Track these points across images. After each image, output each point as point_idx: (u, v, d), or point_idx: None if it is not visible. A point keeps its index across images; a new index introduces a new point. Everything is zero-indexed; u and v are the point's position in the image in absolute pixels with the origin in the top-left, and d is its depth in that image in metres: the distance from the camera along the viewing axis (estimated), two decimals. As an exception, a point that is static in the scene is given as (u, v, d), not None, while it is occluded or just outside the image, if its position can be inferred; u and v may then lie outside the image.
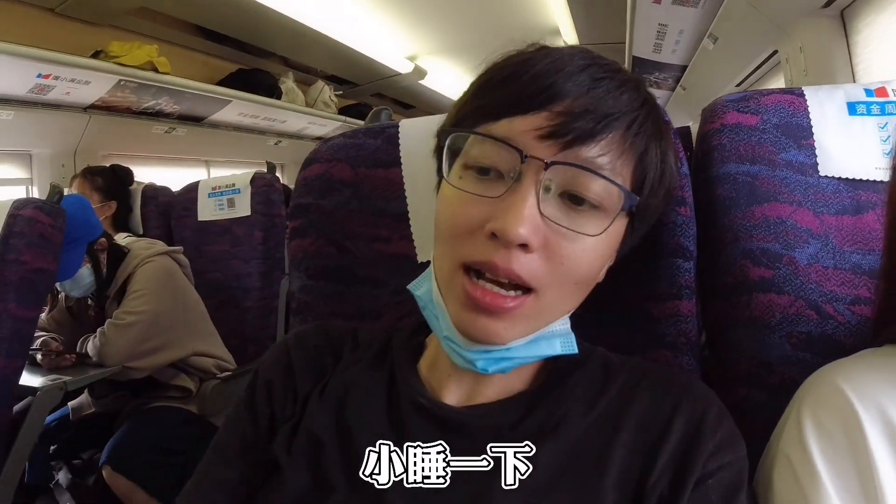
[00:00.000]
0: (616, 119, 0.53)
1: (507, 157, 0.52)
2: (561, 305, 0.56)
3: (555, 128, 0.51)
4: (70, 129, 2.89)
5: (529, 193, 0.51)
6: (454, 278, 0.54)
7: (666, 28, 2.80)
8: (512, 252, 0.50)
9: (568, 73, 0.53)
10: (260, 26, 3.48)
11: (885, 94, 0.81)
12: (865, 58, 1.81)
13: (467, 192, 0.53)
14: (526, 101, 0.53)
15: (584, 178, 0.52)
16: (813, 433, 0.55)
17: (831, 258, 0.75)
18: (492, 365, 0.55)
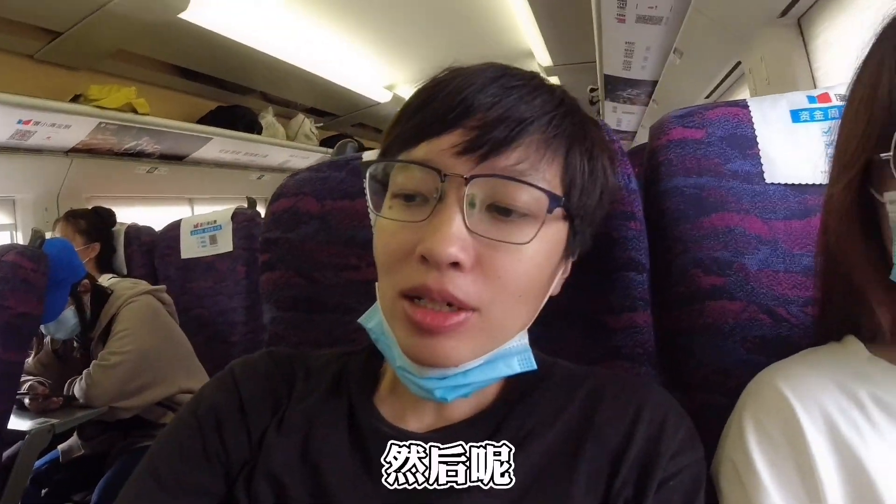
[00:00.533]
0: (530, 123, 0.52)
1: (429, 178, 0.52)
2: (511, 321, 0.55)
3: (469, 142, 0.51)
4: (52, 173, 2.90)
5: (454, 211, 0.50)
6: (396, 306, 0.53)
7: (633, 46, 2.85)
8: (444, 273, 0.50)
9: (479, 87, 0.53)
10: (238, 64, 3.52)
11: (828, 100, 0.83)
12: (825, 63, 1.85)
13: (396, 221, 0.53)
14: (439, 121, 0.52)
15: (506, 187, 0.51)
16: (754, 436, 0.56)
17: (782, 262, 0.77)
18: (450, 393, 0.55)
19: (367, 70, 4.20)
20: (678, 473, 0.54)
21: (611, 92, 4.00)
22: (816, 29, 1.86)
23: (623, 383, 0.62)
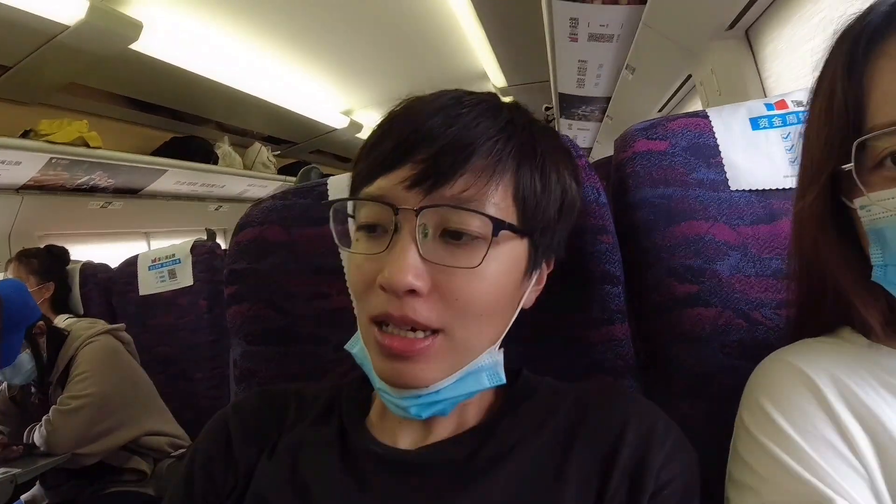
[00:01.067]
0: (472, 152, 0.54)
1: (384, 212, 0.55)
2: (476, 340, 0.57)
3: (417, 176, 0.54)
4: (2, 211, 2.81)
5: (408, 242, 0.53)
6: (368, 333, 0.56)
7: (586, 63, 2.91)
8: (403, 300, 0.53)
9: (424, 119, 0.55)
10: (192, 94, 3.47)
11: (785, 106, 0.86)
12: (774, 72, 1.90)
13: (360, 254, 0.57)
14: (390, 157, 0.55)
15: (455, 214, 0.54)
16: (771, 404, 0.56)
17: (752, 267, 0.78)
18: (424, 410, 0.57)
19: (323, 96, 4.19)
20: (670, 482, 0.54)
21: (566, 109, 4.07)
22: (764, 39, 1.92)
23: (609, 394, 0.62)
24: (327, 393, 0.69)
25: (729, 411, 0.72)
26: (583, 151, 0.78)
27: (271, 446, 0.63)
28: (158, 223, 4.04)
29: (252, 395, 0.70)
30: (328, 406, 0.67)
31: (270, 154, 4.61)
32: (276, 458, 0.62)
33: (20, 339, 1.77)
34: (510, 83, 4.29)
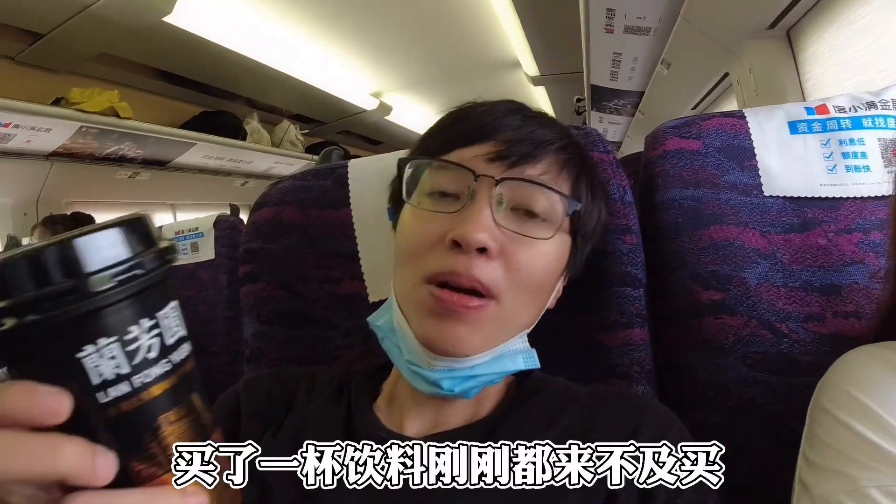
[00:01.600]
0: (550, 144, 0.60)
1: (462, 178, 0.57)
2: (521, 315, 0.59)
3: (500, 152, 0.58)
4: (31, 177, 2.84)
5: (484, 205, 0.56)
6: (417, 292, 0.57)
7: (620, 56, 2.85)
8: (473, 259, 0.54)
9: (503, 113, 0.61)
10: (223, 69, 3.48)
11: (826, 112, 0.82)
12: (814, 75, 1.85)
13: (427, 210, 0.58)
14: (472, 134, 0.60)
15: (530, 191, 0.58)
16: (858, 389, 0.55)
17: (781, 277, 0.75)
18: (457, 385, 0.57)
19: (353, 77, 4.18)
20: (682, 493, 0.52)
21: (597, 102, 4.01)
22: (806, 41, 1.87)
23: (623, 398, 0.62)
24: (339, 378, 0.69)
25: (745, 426, 0.70)
26: (611, 146, 0.76)
27: (277, 425, 0.63)
28: (184, 196, 4.08)
29: (266, 374, 0.71)
30: (339, 390, 0.67)
31: (298, 132, 4.61)
32: (279, 436, 0.62)
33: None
34: (542, 72, 4.23)
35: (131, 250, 0.31)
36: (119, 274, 0.30)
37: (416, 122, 5.44)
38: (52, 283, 0.28)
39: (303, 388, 0.68)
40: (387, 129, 5.58)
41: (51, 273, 0.29)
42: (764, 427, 0.69)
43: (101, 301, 0.29)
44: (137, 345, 0.31)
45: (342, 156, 1.07)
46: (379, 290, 0.80)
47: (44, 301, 0.28)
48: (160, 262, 0.33)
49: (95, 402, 0.30)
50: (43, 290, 0.28)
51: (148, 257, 0.32)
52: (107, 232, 0.31)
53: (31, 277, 0.28)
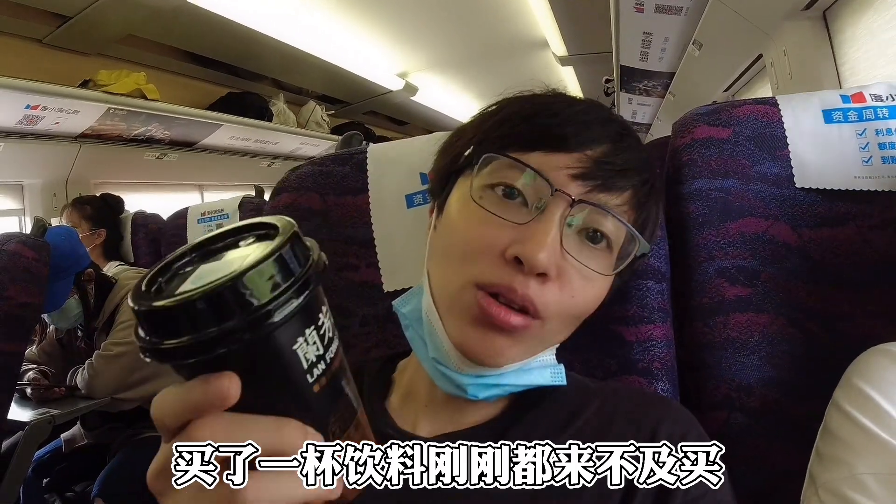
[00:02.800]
0: (637, 174, 0.56)
1: (538, 187, 0.53)
2: (558, 336, 0.57)
3: (586, 170, 0.53)
4: (61, 158, 2.88)
5: (553, 225, 0.52)
6: (464, 295, 0.54)
7: (651, 36, 2.79)
8: (530, 279, 0.51)
9: (598, 122, 0.56)
10: (249, 50, 3.48)
11: (863, 100, 0.78)
12: (850, 58, 1.79)
13: (489, 213, 0.54)
14: (562, 139, 0.55)
15: (603, 219, 0.54)
16: (869, 385, 0.56)
17: (811, 273, 0.72)
18: (482, 391, 0.55)
19: (379, 57, 4.16)
20: (701, 497, 0.51)
21: (626, 83, 3.94)
22: (843, 23, 1.81)
23: (640, 398, 0.60)
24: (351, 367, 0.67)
25: (768, 427, 0.68)
26: (634, 132, 0.73)
27: None
28: (212, 176, 4.11)
29: None
30: None
31: (324, 113, 4.62)
32: None
33: (69, 284, 1.81)
34: (570, 52, 4.17)
35: (307, 255, 0.34)
36: (314, 268, 0.34)
37: (442, 102, 5.41)
38: (279, 292, 0.32)
39: None
40: (413, 110, 5.56)
41: (274, 284, 0.32)
42: (787, 430, 0.67)
43: (307, 298, 0.32)
44: (325, 328, 0.35)
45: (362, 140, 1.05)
46: (394, 279, 0.79)
47: (273, 309, 0.31)
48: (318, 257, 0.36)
49: (307, 382, 0.34)
50: (275, 298, 0.31)
51: (315, 254, 0.35)
52: (293, 244, 0.33)
53: (261, 290, 0.31)
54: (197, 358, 0.31)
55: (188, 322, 0.30)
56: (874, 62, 1.68)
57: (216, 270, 0.32)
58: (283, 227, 0.34)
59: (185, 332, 0.30)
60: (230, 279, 0.30)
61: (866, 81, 0.87)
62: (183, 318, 0.30)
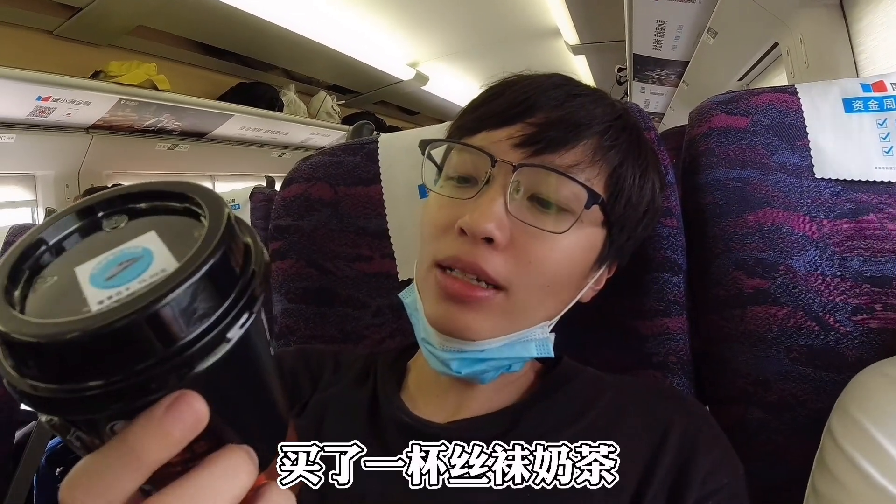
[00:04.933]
0: (588, 128, 0.55)
1: (480, 163, 0.55)
2: (534, 308, 0.56)
3: (527, 137, 0.54)
4: (72, 149, 2.89)
5: (498, 193, 0.53)
6: (428, 276, 0.56)
7: (665, 24, 2.76)
8: (478, 247, 0.52)
9: (543, 89, 0.56)
10: (259, 40, 3.48)
11: (884, 89, 0.77)
12: (868, 46, 1.76)
13: (444, 196, 0.57)
14: (502, 114, 0.56)
15: (550, 179, 0.54)
16: (865, 416, 0.53)
17: (830, 266, 0.71)
18: (465, 367, 0.55)
19: (390, 47, 4.14)
20: (714, 494, 0.51)
21: (639, 72, 3.90)
22: (861, 11, 1.77)
23: (655, 391, 0.60)
24: (364, 359, 0.68)
25: (785, 422, 0.67)
26: (652, 123, 0.72)
27: (302, 404, 0.63)
28: (223, 167, 4.12)
29: (292, 353, 0.70)
30: (364, 371, 0.66)
31: (335, 103, 4.61)
32: (303, 417, 0.62)
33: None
34: (583, 41, 4.14)
35: (247, 250, 0.26)
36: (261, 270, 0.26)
37: (452, 92, 5.38)
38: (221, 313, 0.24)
39: (328, 367, 0.67)
40: (423, 100, 5.54)
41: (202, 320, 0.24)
42: (805, 425, 0.66)
43: (253, 320, 0.26)
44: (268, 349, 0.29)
45: (373, 130, 1.04)
46: (409, 268, 0.79)
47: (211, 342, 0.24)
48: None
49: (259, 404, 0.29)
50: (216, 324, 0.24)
51: (256, 246, 0.27)
52: (230, 238, 0.25)
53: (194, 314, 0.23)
54: (109, 410, 0.23)
55: (91, 364, 0.22)
56: (892, 51, 1.65)
57: (112, 275, 0.24)
58: (211, 205, 0.26)
59: (85, 377, 0.22)
60: (149, 303, 0.22)
61: (884, 71, 0.85)
62: (96, 353, 0.22)
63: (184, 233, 0.25)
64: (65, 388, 0.22)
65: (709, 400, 0.73)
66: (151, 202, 0.27)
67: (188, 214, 0.26)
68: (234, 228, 0.25)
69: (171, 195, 0.27)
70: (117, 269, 0.24)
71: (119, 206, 0.27)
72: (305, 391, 0.65)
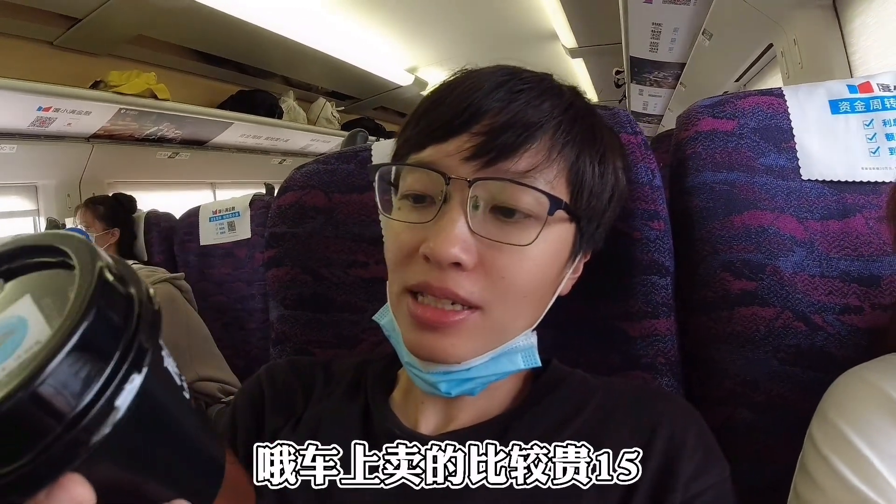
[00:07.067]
0: (539, 128, 0.52)
1: (434, 181, 0.53)
2: (514, 321, 0.55)
3: (475, 148, 0.51)
4: (73, 159, 2.91)
5: (458, 213, 0.51)
6: (401, 302, 0.55)
7: (660, 27, 2.77)
8: (446, 272, 0.51)
9: (485, 92, 0.53)
10: (258, 47, 3.49)
11: (870, 90, 0.77)
12: (861, 47, 1.77)
13: (402, 221, 0.55)
14: (446, 126, 0.53)
15: (510, 189, 0.52)
16: (845, 421, 0.53)
17: (818, 266, 0.72)
18: (455, 387, 0.55)
19: (388, 53, 4.15)
20: (700, 495, 0.51)
21: (637, 74, 3.91)
22: (853, 12, 1.79)
23: (642, 393, 0.60)
24: (353, 370, 0.67)
25: (773, 423, 0.68)
26: (639, 127, 0.73)
27: (296, 419, 0.63)
28: (224, 174, 4.14)
29: (283, 365, 0.70)
30: (354, 383, 0.65)
31: (334, 109, 4.63)
32: (298, 431, 0.61)
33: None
34: (580, 44, 4.14)
35: (129, 298, 0.25)
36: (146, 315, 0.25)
37: (451, 97, 5.38)
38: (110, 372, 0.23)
39: (319, 380, 0.67)
40: (423, 105, 5.55)
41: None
42: (793, 425, 0.66)
43: (150, 367, 0.26)
44: (180, 387, 0.31)
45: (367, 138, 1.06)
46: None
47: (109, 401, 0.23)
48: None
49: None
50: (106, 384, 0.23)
51: (136, 291, 0.26)
52: (103, 290, 0.24)
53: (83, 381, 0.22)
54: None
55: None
56: (885, 51, 1.66)
57: None
58: (81, 258, 0.24)
59: None
60: (29, 377, 0.20)
61: (877, 71, 0.86)
62: None
63: (59, 290, 0.24)
64: None
65: (697, 401, 0.73)
66: (26, 259, 0.26)
67: (65, 267, 0.25)
68: (105, 285, 0.24)
69: (45, 249, 0.26)
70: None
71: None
72: (299, 406, 0.64)
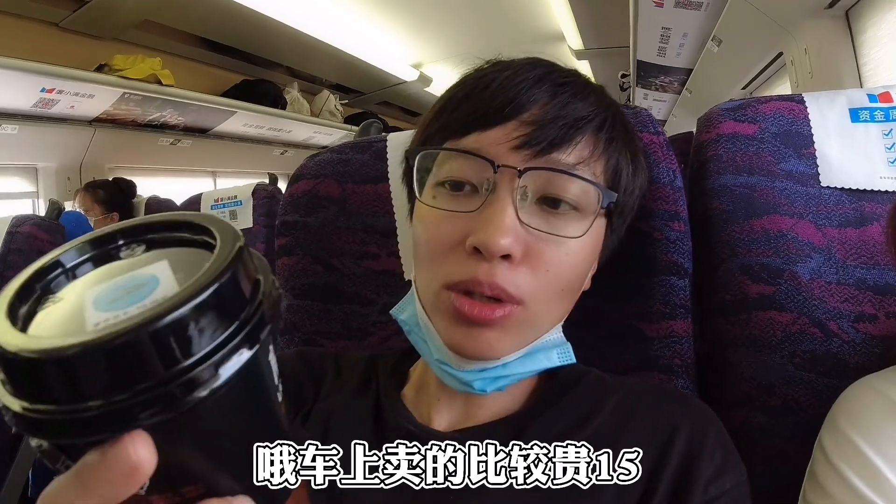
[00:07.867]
0: (588, 122, 0.52)
1: (480, 169, 0.51)
2: (550, 315, 0.55)
3: (526, 137, 0.50)
4: (75, 142, 2.90)
5: (507, 203, 0.50)
6: (440, 298, 0.52)
7: (669, 31, 2.77)
8: (495, 266, 0.49)
9: (530, 82, 0.52)
10: (264, 37, 3.49)
11: (890, 100, 0.77)
12: (872, 58, 1.77)
13: (442, 210, 0.52)
14: (492, 113, 0.52)
15: (559, 180, 0.51)
16: (855, 430, 0.53)
17: (835, 273, 0.71)
18: (489, 384, 0.54)
19: (394, 48, 4.15)
20: (719, 497, 0.51)
21: (643, 78, 3.92)
22: (865, 23, 1.79)
23: (660, 394, 0.59)
24: (364, 363, 0.66)
25: (787, 426, 0.67)
26: (661, 129, 0.72)
27: (306, 412, 0.62)
28: (225, 163, 4.13)
29: (292, 355, 0.68)
30: (365, 377, 0.64)
31: (338, 102, 4.63)
32: (308, 425, 0.60)
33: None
34: (587, 46, 4.15)
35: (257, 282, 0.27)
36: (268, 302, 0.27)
37: (455, 94, 5.38)
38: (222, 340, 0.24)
39: (330, 372, 0.65)
40: (426, 101, 5.55)
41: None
42: (807, 429, 0.66)
43: (257, 352, 0.26)
44: (277, 386, 0.30)
45: (381, 129, 1.05)
46: (412, 268, 0.79)
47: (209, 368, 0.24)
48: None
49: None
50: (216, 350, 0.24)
51: (266, 280, 0.27)
52: (239, 267, 0.25)
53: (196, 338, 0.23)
54: (98, 435, 0.22)
55: (85, 380, 0.21)
56: (895, 63, 1.66)
57: (115, 299, 0.24)
58: (224, 236, 0.26)
59: (74, 397, 0.21)
60: (147, 320, 0.21)
61: (888, 82, 0.86)
62: (75, 374, 0.21)
63: (195, 263, 0.25)
64: (41, 410, 0.22)
65: (712, 403, 0.73)
66: (170, 233, 0.28)
67: (206, 247, 0.26)
68: (241, 261, 0.25)
69: (191, 226, 0.27)
70: (122, 294, 0.24)
71: (139, 236, 0.28)
72: (309, 398, 0.63)
